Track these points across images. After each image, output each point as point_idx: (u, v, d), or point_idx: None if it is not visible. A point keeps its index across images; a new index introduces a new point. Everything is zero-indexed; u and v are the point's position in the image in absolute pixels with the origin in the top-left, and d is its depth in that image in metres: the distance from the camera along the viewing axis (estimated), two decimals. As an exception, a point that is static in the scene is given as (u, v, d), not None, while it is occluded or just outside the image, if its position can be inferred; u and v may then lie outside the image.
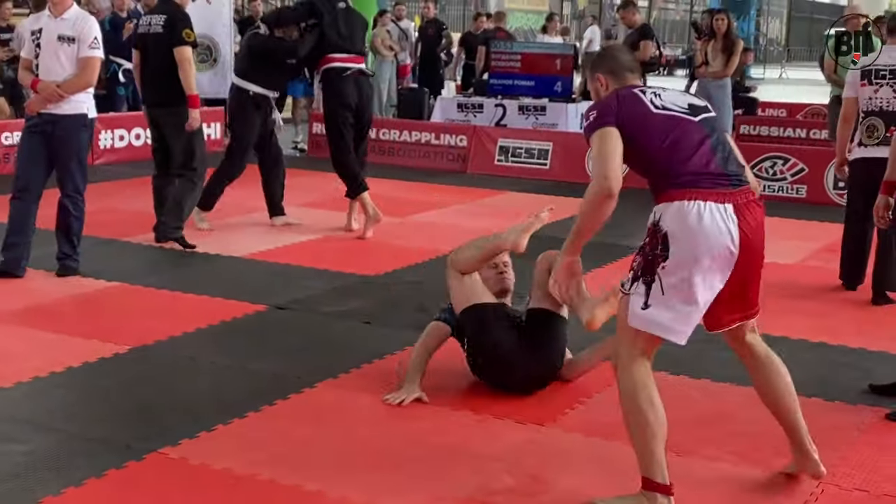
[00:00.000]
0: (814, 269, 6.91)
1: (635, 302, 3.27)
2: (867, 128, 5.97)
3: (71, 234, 6.08)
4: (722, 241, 3.21)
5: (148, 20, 6.94)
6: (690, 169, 3.27)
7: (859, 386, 4.60)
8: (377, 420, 4.07)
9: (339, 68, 7.41)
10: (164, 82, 6.74)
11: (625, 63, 3.57)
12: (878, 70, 5.96)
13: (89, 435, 3.81)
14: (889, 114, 5.91)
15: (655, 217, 3.30)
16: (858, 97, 6.03)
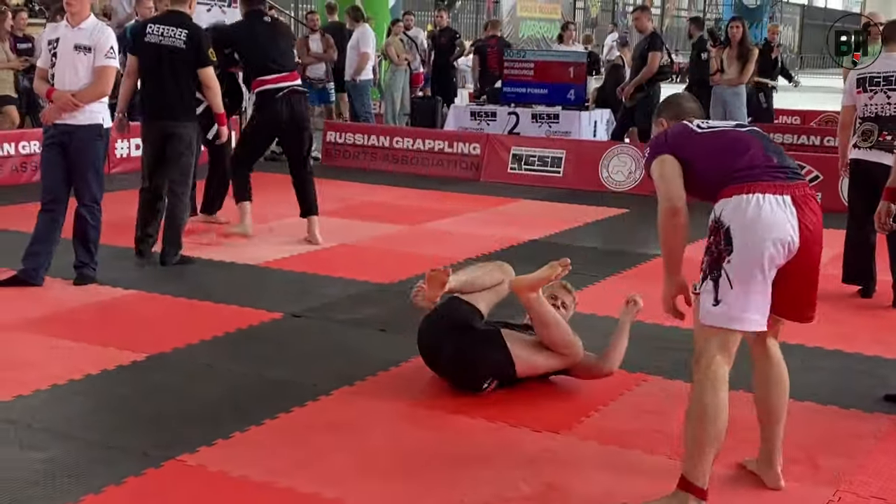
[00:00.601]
0: (829, 276, 6.87)
1: (706, 300, 3.38)
2: (862, 132, 6.15)
3: (88, 243, 6.12)
4: (784, 231, 3.29)
5: (160, 30, 6.56)
6: (745, 164, 3.37)
7: (875, 394, 4.59)
8: (393, 427, 4.09)
9: (272, 90, 7.35)
10: (180, 97, 6.62)
11: (689, 109, 3.77)
12: (872, 77, 6.12)
13: (108, 442, 3.83)
14: (883, 119, 6.07)
15: (716, 214, 3.39)
16: (855, 104, 6.21)
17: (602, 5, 34.72)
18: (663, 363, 4.93)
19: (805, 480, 3.66)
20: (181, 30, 6.56)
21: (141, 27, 6.86)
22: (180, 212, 6.77)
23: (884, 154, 6.02)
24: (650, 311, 5.80)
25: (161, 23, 6.67)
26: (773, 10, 33.95)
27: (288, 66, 7.55)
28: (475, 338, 4.43)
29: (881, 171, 5.96)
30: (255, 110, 7.60)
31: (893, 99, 6.04)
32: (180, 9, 6.69)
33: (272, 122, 7.47)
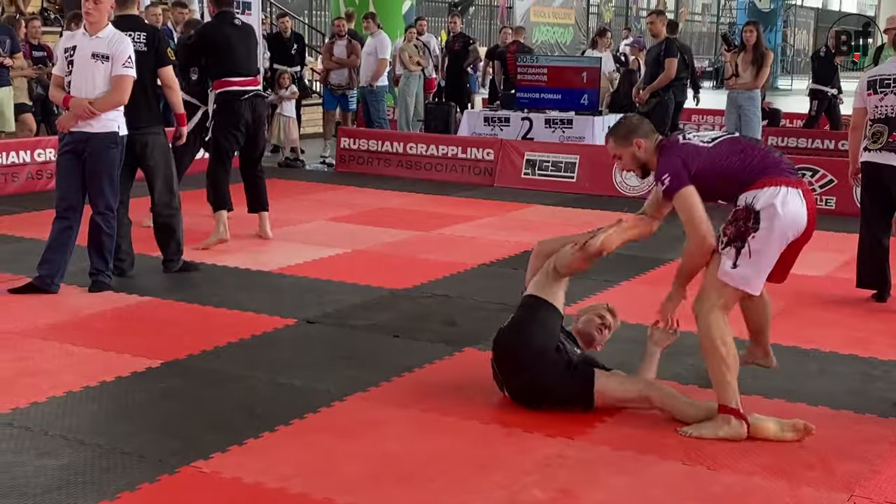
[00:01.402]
0: (844, 280, 6.86)
1: (725, 262, 4.04)
2: (872, 134, 6.17)
3: (103, 251, 6.15)
4: (801, 220, 4.05)
5: None
6: (765, 164, 4.09)
7: (891, 398, 4.57)
8: (407, 433, 4.09)
9: (237, 92, 7.51)
10: (147, 103, 6.42)
11: (648, 125, 4.39)
12: (882, 79, 6.16)
13: (123, 449, 3.84)
14: (893, 120, 6.08)
15: (748, 200, 4.03)
16: (866, 106, 6.23)
17: (616, 10, 34.69)
18: (678, 368, 4.92)
19: (820, 485, 3.65)
20: (139, 33, 6.41)
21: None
22: (176, 221, 6.68)
23: (893, 155, 6.06)
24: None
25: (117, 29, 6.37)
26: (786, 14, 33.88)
27: (253, 71, 7.75)
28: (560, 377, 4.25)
29: (891, 172, 6.06)
30: (217, 112, 7.64)
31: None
32: (130, 12, 6.52)
33: (235, 124, 7.57)
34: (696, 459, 3.85)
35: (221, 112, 7.60)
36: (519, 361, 4.29)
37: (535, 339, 4.27)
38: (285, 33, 13.72)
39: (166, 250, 6.69)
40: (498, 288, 6.41)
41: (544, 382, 4.25)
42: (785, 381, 4.76)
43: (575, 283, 6.61)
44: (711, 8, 41.66)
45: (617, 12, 34.53)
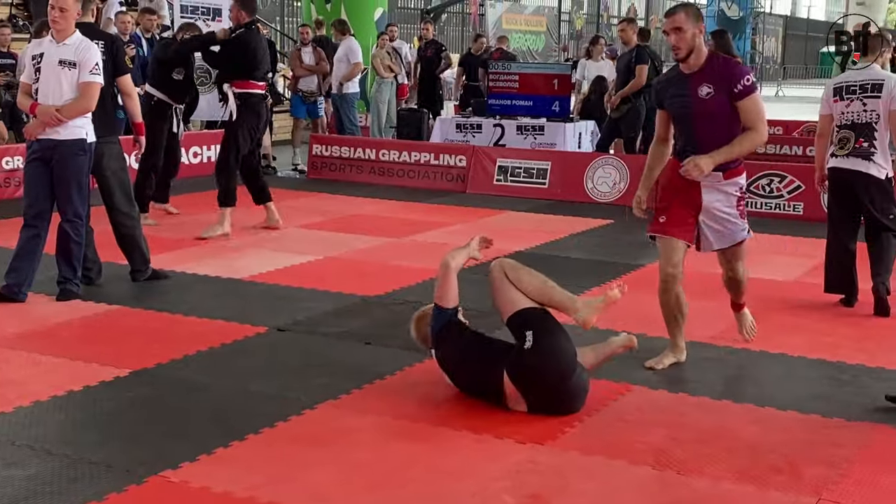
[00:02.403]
0: (812, 285, 6.91)
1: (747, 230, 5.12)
2: (839, 140, 6.26)
3: (72, 259, 6.10)
4: None
5: None
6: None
7: (858, 402, 4.61)
8: (378, 441, 4.08)
9: (261, 95, 8.39)
10: (104, 112, 6.28)
11: None
12: (849, 86, 6.27)
13: (90, 459, 3.81)
14: (859, 126, 6.18)
15: (744, 182, 5.05)
16: (833, 113, 6.32)
17: (587, 18, 34.85)
18: (647, 374, 4.94)
19: (788, 489, 3.67)
20: (96, 41, 6.29)
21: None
22: (138, 230, 6.63)
23: (860, 161, 6.14)
24: (634, 322, 5.83)
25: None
26: (755, 22, 34.16)
27: (267, 78, 8.71)
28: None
29: (858, 177, 6.15)
30: (241, 112, 8.23)
31: (869, 106, 6.14)
32: (85, 20, 6.38)
33: (257, 125, 8.37)
34: (665, 464, 3.87)
35: (246, 112, 8.26)
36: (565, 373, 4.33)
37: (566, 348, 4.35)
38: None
39: (132, 261, 6.63)
40: (470, 294, 6.37)
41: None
42: (753, 386, 4.80)
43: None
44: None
45: (588, 20, 34.72)
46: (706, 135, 4.83)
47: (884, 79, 6.20)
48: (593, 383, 4.76)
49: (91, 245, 6.50)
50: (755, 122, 4.84)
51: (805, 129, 11.85)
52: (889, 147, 6.25)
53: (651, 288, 6.73)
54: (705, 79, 4.82)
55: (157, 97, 8.71)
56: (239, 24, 8.34)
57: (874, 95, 6.14)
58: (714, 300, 6.44)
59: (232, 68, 8.33)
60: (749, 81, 4.82)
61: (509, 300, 4.42)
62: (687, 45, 4.81)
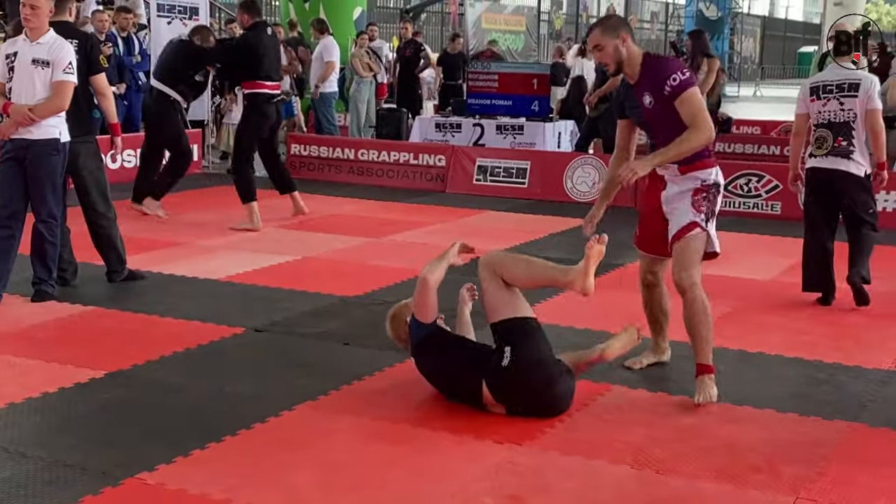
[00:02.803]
0: (789, 284, 6.95)
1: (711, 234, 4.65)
2: (816, 139, 6.31)
3: (47, 260, 6.05)
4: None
5: None
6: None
7: (835, 401, 4.63)
8: (356, 442, 4.06)
9: (268, 95, 8.59)
10: (75, 112, 6.13)
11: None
12: (825, 85, 6.32)
13: (65, 461, 3.77)
14: (837, 125, 6.23)
15: (710, 177, 4.66)
16: (809, 112, 6.37)
17: (566, 18, 34.91)
18: (626, 373, 4.94)
19: (766, 488, 3.68)
20: (71, 40, 6.23)
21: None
22: (115, 230, 6.57)
23: (839, 160, 6.20)
24: (614, 322, 5.83)
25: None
26: (733, 22, 34.33)
27: (279, 77, 8.96)
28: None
29: (838, 176, 6.21)
30: (250, 112, 8.60)
31: (847, 105, 6.20)
32: (63, 18, 6.35)
33: (265, 124, 8.66)
34: (644, 463, 3.87)
35: (252, 113, 8.58)
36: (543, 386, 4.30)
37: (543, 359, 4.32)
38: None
39: (108, 261, 6.58)
40: (450, 294, 6.38)
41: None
42: (731, 385, 4.80)
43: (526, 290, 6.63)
44: (660, 16, 42.08)
45: (567, 20, 34.78)
46: (664, 140, 4.57)
47: (860, 78, 6.26)
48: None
49: (67, 246, 6.44)
50: (692, 119, 4.50)
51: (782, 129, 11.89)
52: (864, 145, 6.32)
53: (629, 287, 6.75)
54: (645, 87, 4.62)
55: (173, 97, 8.89)
56: (243, 26, 8.69)
57: (851, 95, 6.20)
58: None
59: (238, 70, 8.59)
60: (676, 81, 4.50)
61: (492, 306, 4.38)
62: (613, 59, 4.61)
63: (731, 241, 8.60)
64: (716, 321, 5.90)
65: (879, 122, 6.24)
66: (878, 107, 6.24)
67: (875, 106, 6.20)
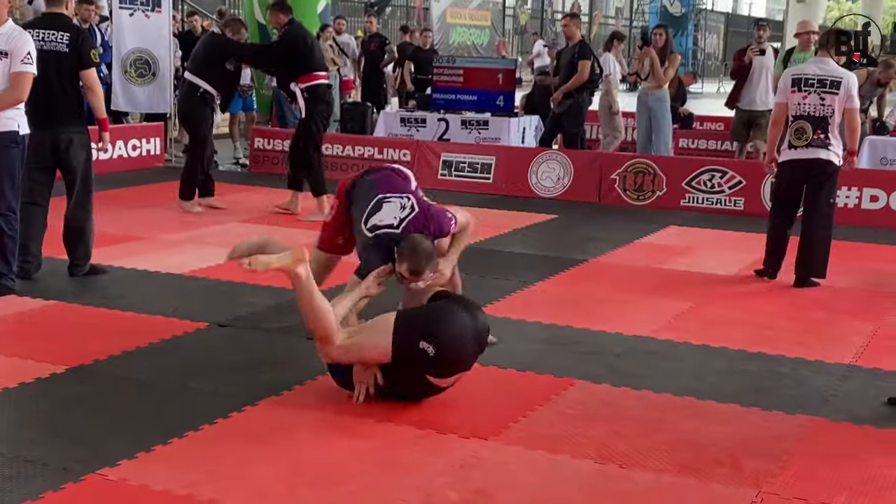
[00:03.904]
0: (752, 279, 7.01)
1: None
2: (796, 130, 6.63)
3: (6, 253, 5.95)
4: None
5: (40, 35, 6.19)
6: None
7: (797, 395, 4.67)
8: (320, 437, 4.04)
9: (326, 84, 8.89)
10: (68, 103, 6.32)
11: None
12: (807, 79, 6.62)
13: (26, 457, 3.73)
14: (815, 118, 6.58)
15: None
16: (788, 103, 6.68)
17: (531, 13, 34.99)
18: (590, 368, 4.96)
19: (729, 482, 3.70)
20: (62, 33, 6.27)
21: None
22: (88, 223, 6.52)
23: (819, 150, 6.58)
24: (578, 317, 5.86)
25: (40, 27, 6.34)
26: (697, 18, 34.55)
27: (325, 66, 9.22)
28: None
29: (816, 164, 6.64)
30: (315, 102, 8.77)
31: (827, 101, 6.54)
32: (58, 10, 6.36)
33: (329, 112, 9.10)
34: (607, 458, 3.89)
35: (315, 103, 8.76)
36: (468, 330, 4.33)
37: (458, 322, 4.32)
38: (195, 32, 13.52)
39: (74, 254, 6.51)
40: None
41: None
42: (693, 379, 4.84)
43: (491, 284, 6.65)
44: (624, 11, 42.29)
45: (532, 15, 34.86)
46: None
47: (842, 77, 6.59)
48: (536, 378, 4.79)
49: (38, 239, 6.41)
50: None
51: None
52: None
53: (594, 281, 6.78)
54: None
55: (204, 88, 8.88)
56: (281, 25, 8.84)
57: (832, 91, 6.53)
58: (657, 295, 6.50)
59: (292, 66, 8.71)
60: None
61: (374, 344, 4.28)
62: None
63: (694, 236, 8.70)
64: (678, 315, 5.98)
65: (857, 120, 6.72)
66: (857, 106, 6.65)
67: (854, 105, 6.59)
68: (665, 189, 10.05)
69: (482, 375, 4.81)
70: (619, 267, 7.30)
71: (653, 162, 10.24)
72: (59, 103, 6.31)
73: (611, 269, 7.23)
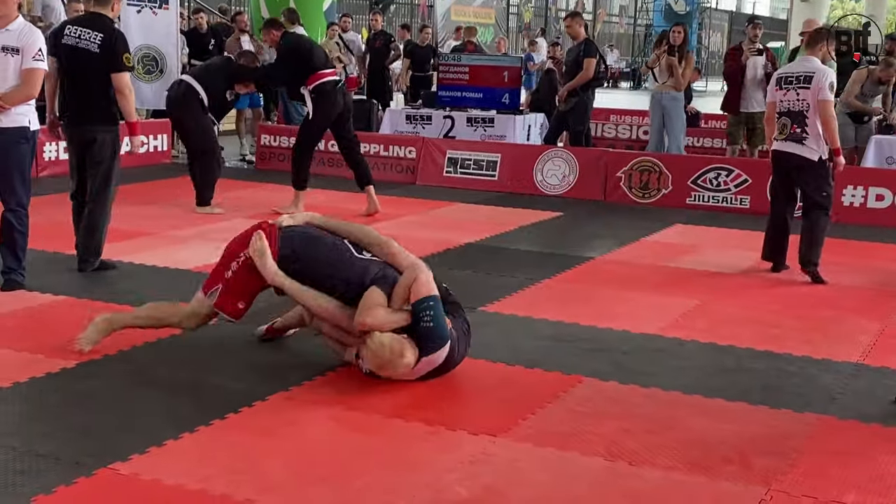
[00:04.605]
0: (758, 277, 7.03)
1: None
2: (780, 125, 6.95)
3: (16, 249, 5.98)
4: None
5: (77, 32, 6.35)
6: None
7: (805, 393, 4.68)
8: (330, 433, 4.06)
9: (333, 82, 8.79)
10: (95, 102, 6.40)
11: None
12: (787, 77, 6.99)
13: (38, 451, 3.74)
14: (794, 113, 6.88)
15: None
16: (775, 101, 7.03)
17: (535, 11, 34.96)
18: (598, 365, 4.97)
19: (738, 480, 3.71)
20: (96, 33, 6.31)
21: (60, 28, 6.64)
22: (102, 219, 6.56)
23: (794, 144, 6.86)
24: (585, 314, 5.87)
25: (79, 24, 6.44)
26: (701, 17, 34.54)
27: (330, 64, 9.10)
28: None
29: (792, 158, 6.91)
30: (319, 101, 8.73)
31: (801, 96, 6.83)
32: (101, 11, 6.42)
33: (333, 111, 8.82)
34: (617, 455, 3.90)
35: (321, 103, 8.73)
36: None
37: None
38: (201, 28, 13.54)
39: (86, 248, 6.54)
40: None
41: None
42: (702, 377, 4.85)
43: (496, 281, 6.66)
44: (629, 10, 42.25)
45: (536, 13, 34.84)
46: None
47: (815, 71, 6.85)
48: (545, 375, 4.80)
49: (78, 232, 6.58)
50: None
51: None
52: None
53: (600, 279, 6.80)
54: None
55: (202, 96, 8.86)
56: (275, 41, 8.96)
57: (805, 86, 6.81)
58: (663, 293, 6.52)
59: (298, 73, 8.76)
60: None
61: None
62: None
63: (700, 234, 8.71)
64: (685, 313, 5.99)
65: (829, 112, 6.80)
66: (828, 98, 6.80)
67: (825, 97, 6.78)
68: (671, 187, 10.06)
69: (491, 372, 4.83)
70: (625, 265, 7.32)
71: (658, 160, 10.26)
72: (89, 101, 6.43)
73: (617, 266, 7.25)
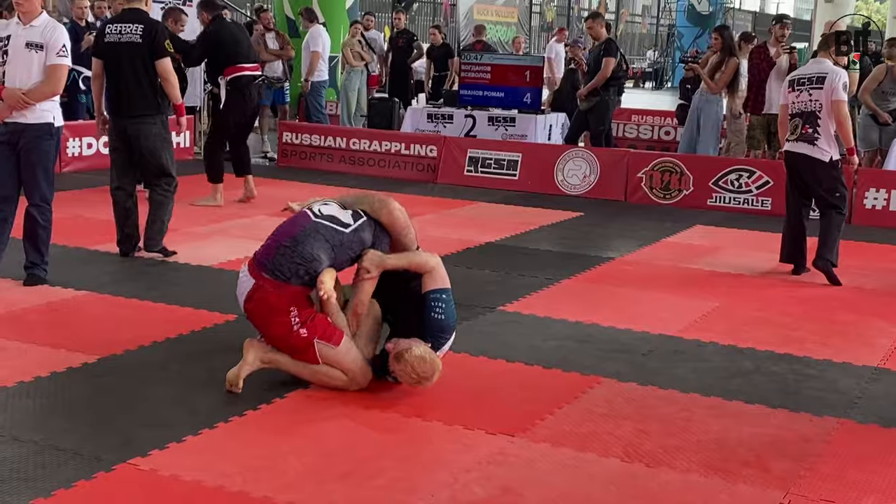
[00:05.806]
0: (780, 280, 7.00)
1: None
2: (792, 126, 7.07)
3: (39, 244, 6.03)
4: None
5: (118, 28, 6.72)
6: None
7: (825, 397, 4.66)
8: (348, 431, 4.07)
9: (250, 76, 8.90)
10: (141, 92, 6.72)
11: None
12: (800, 79, 7.08)
13: (58, 446, 3.77)
14: (805, 114, 6.95)
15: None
16: (787, 103, 7.09)
17: (558, 10, 34.90)
18: (616, 366, 4.96)
19: (756, 483, 3.70)
20: (137, 25, 6.68)
21: (101, 29, 7.01)
22: (164, 208, 6.89)
23: (805, 145, 6.90)
24: (605, 315, 5.86)
25: (118, 21, 6.82)
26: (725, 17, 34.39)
27: (254, 58, 9.18)
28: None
29: (804, 159, 6.95)
30: (232, 94, 8.79)
31: (814, 96, 6.87)
32: (136, 6, 6.80)
33: (247, 106, 8.93)
34: (634, 457, 3.89)
35: (233, 96, 8.80)
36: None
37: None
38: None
39: (151, 228, 6.86)
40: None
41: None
42: (721, 379, 4.83)
43: (516, 281, 6.67)
44: (651, 10, 42.10)
45: (559, 12, 34.77)
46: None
47: (828, 72, 6.90)
48: (563, 376, 4.80)
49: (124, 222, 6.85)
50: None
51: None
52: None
53: (619, 280, 6.78)
54: None
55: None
56: (205, 23, 9.00)
57: (818, 87, 6.86)
58: (683, 294, 6.50)
59: (216, 61, 8.86)
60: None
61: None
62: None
63: (720, 236, 8.67)
64: (705, 315, 5.97)
65: (843, 112, 6.84)
66: (842, 98, 6.82)
67: (838, 97, 6.82)
68: (692, 188, 10.03)
69: (509, 372, 4.83)
70: (646, 265, 7.30)
71: (680, 161, 10.22)
72: (134, 93, 6.71)
73: (637, 267, 7.23)
